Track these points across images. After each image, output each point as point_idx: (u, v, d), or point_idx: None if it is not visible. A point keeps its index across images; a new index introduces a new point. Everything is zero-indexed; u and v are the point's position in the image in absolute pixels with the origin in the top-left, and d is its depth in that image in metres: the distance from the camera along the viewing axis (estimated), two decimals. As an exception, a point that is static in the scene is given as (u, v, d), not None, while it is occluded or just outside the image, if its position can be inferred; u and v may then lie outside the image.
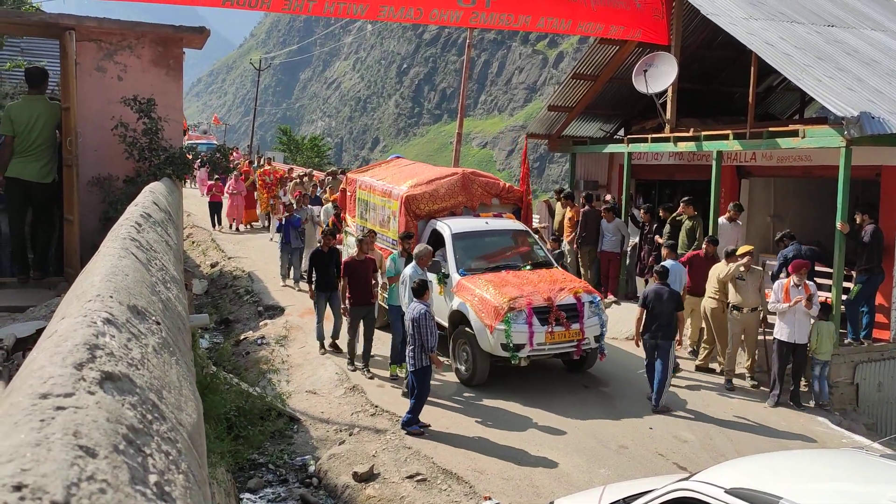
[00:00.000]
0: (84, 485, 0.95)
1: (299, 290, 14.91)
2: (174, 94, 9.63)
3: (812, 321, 9.98)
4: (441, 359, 9.32)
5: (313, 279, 11.37)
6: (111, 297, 1.85)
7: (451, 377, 10.29)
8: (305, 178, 21.91)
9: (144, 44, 9.36)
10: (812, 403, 10.08)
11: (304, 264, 15.77)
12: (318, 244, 11.70)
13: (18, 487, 0.89)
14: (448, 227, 10.95)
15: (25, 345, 5.06)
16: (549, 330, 9.57)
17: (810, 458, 5.47)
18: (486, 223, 11.32)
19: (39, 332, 5.12)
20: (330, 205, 16.16)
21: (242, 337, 12.91)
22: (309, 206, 16.50)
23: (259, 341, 12.41)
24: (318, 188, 20.04)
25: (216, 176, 21.91)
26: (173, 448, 1.31)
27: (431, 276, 10.28)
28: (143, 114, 8.90)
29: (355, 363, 10.78)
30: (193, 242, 21.11)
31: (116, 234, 3.18)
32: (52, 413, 1.08)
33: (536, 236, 12.02)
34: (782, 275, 10.29)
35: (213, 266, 18.30)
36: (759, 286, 10.64)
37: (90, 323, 1.53)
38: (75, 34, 8.45)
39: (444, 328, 10.59)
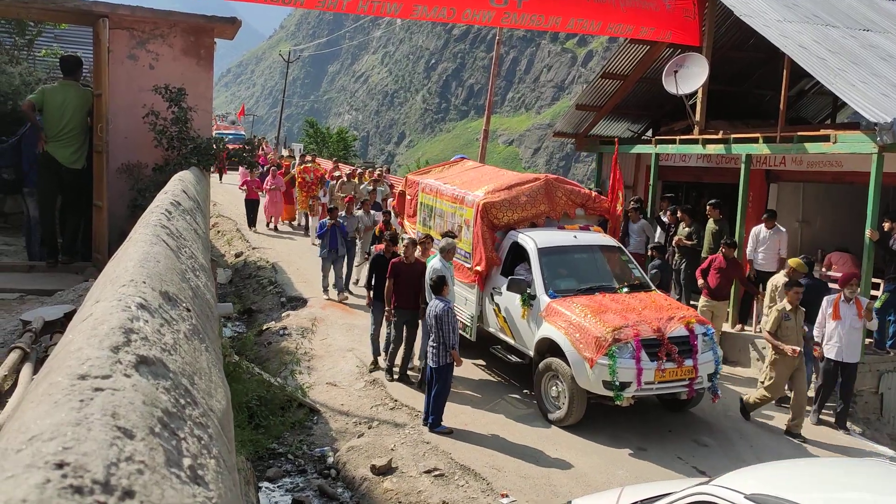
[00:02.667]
0: (123, 465, 0.97)
1: (342, 302, 13.91)
2: (204, 84, 9.71)
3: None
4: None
5: (372, 286, 10.50)
6: (144, 282, 1.87)
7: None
8: (360, 177, 20.08)
9: (176, 33, 9.45)
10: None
11: (356, 276, 14.74)
12: (366, 256, 10.72)
13: (60, 465, 0.91)
14: (532, 240, 9.76)
15: (53, 328, 5.12)
16: (660, 366, 8.31)
17: (832, 467, 5.42)
18: (575, 237, 10.12)
19: (67, 315, 5.19)
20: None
21: (265, 327, 12.99)
22: (371, 212, 15.08)
23: (281, 332, 12.48)
24: (379, 185, 18.19)
25: (260, 170, 21.29)
26: (205, 433, 1.32)
27: (515, 296, 9.49)
28: (174, 103, 8.98)
29: (394, 374, 10.14)
30: (219, 232, 21.27)
31: (147, 220, 3.22)
32: (90, 394, 1.10)
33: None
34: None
35: (237, 256, 18.44)
36: (802, 326, 9.37)
37: (125, 307, 1.55)
38: (109, 22, 8.55)
39: (527, 356, 9.61)
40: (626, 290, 9.52)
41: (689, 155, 14.86)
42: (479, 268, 10.12)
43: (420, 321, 9.85)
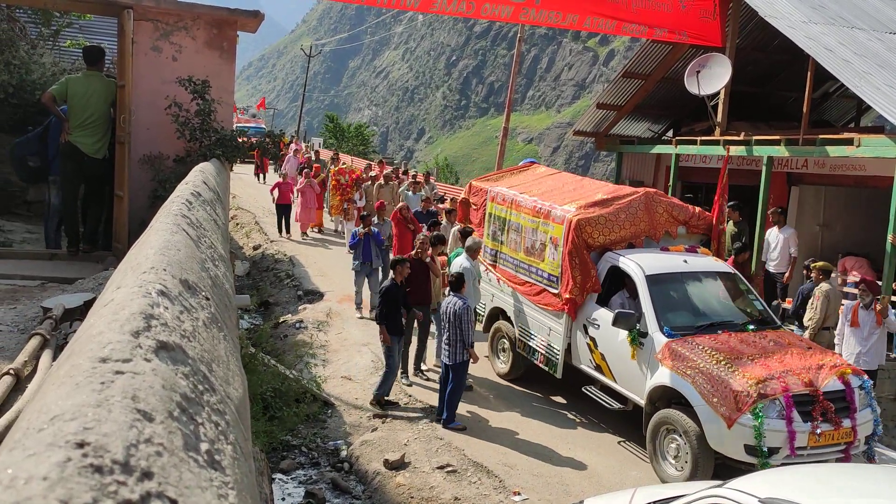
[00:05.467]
0: (142, 447, 0.98)
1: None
2: (227, 77, 9.76)
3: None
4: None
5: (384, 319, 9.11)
6: (164, 270, 1.89)
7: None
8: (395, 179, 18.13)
9: (200, 25, 9.50)
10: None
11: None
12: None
13: (81, 445, 0.92)
14: (638, 265, 8.43)
15: (73, 315, 5.17)
16: (814, 428, 6.88)
17: (847, 472, 5.37)
18: (685, 261, 8.78)
19: (87, 303, 5.24)
20: (457, 227, 11.91)
21: (281, 320, 13.06)
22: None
23: (297, 325, 12.54)
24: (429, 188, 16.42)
25: (303, 167, 19.26)
26: (222, 419, 1.34)
27: (618, 331, 8.19)
28: (198, 95, 9.04)
29: (409, 376, 9.91)
30: (238, 224, 21.38)
31: (168, 210, 3.25)
32: (111, 377, 1.11)
33: None
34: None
35: (255, 249, 18.53)
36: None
37: (146, 293, 1.57)
38: (133, 13, 8.62)
39: (630, 400, 8.27)
40: (752, 327, 8.14)
41: (710, 156, 14.78)
42: (569, 295, 8.83)
43: (433, 318, 9.83)
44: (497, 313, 10.45)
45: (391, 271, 9.34)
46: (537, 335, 9.50)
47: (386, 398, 9.24)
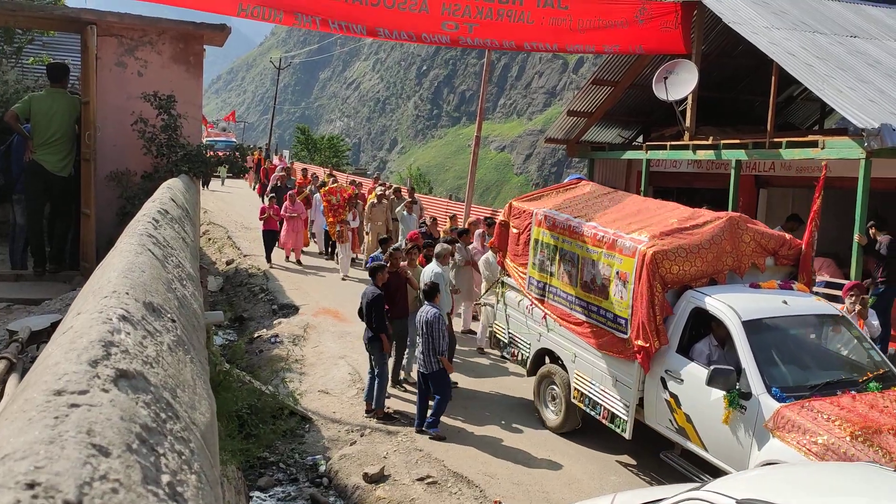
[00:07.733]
0: (97, 484, 0.95)
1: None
2: (194, 91, 9.69)
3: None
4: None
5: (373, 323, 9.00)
6: (127, 293, 1.85)
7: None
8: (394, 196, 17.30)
9: (165, 40, 9.43)
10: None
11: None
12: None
13: (31, 485, 0.89)
14: (731, 308, 6.98)
15: (40, 338, 5.08)
16: None
17: (824, 471, 5.41)
18: (785, 302, 7.26)
19: (54, 325, 5.15)
20: (490, 254, 11.11)
21: (256, 335, 12.93)
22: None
23: (273, 340, 12.43)
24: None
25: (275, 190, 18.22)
26: (186, 448, 1.30)
27: (710, 390, 6.70)
28: (163, 110, 8.97)
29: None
30: (210, 239, 21.19)
31: (133, 229, 3.19)
32: (66, 410, 1.08)
33: None
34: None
35: (228, 263, 18.37)
36: None
37: (106, 319, 1.53)
38: (97, 29, 8.53)
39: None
40: (875, 385, 6.64)
41: (680, 161, 14.93)
42: (642, 342, 7.39)
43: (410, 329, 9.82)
44: (544, 354, 9.25)
45: (371, 278, 9.20)
46: (598, 385, 8.15)
47: (384, 410, 9.14)
